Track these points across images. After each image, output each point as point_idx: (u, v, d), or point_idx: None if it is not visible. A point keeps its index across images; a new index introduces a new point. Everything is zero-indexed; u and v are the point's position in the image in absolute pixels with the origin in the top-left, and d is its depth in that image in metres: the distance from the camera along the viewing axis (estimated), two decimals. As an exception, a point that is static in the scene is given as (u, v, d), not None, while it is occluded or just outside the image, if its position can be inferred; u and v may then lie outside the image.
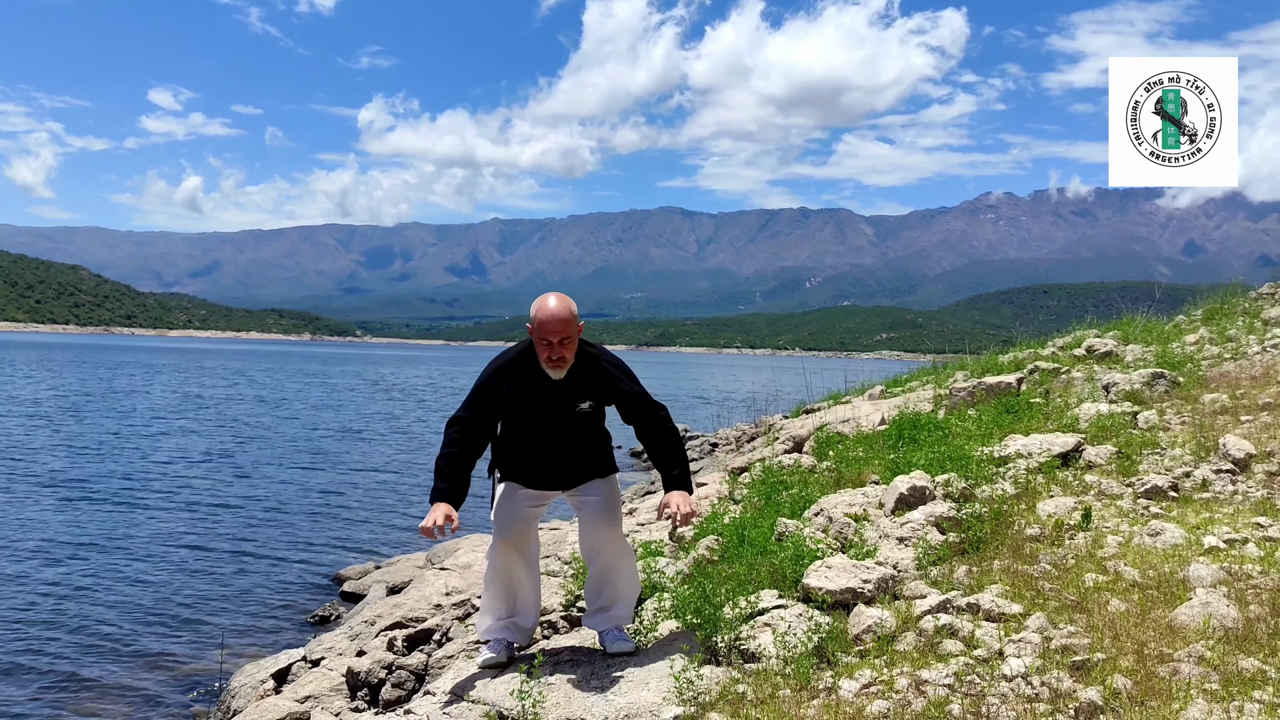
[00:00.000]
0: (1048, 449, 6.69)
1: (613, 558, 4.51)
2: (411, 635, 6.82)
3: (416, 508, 16.37)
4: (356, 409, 38.39)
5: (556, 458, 4.43)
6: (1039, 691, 3.45)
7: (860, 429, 9.16)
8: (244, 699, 6.97)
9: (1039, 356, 10.62)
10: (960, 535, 5.34)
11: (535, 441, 4.40)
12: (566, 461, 4.45)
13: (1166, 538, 4.98)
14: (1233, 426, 6.88)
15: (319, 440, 26.15)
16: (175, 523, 14.04)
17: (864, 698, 3.60)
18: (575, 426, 4.41)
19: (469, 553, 8.83)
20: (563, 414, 4.36)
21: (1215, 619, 3.83)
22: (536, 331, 4.23)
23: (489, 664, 4.45)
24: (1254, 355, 9.23)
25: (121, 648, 8.71)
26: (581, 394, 4.35)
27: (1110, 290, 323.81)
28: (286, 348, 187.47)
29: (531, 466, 4.45)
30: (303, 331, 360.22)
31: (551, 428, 4.37)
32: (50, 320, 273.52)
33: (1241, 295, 12.89)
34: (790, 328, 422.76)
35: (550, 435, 4.39)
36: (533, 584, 4.65)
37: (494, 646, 4.54)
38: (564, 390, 4.33)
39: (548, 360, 4.24)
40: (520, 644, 4.68)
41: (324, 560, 12.24)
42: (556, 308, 4.20)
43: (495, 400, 4.36)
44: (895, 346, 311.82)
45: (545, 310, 4.21)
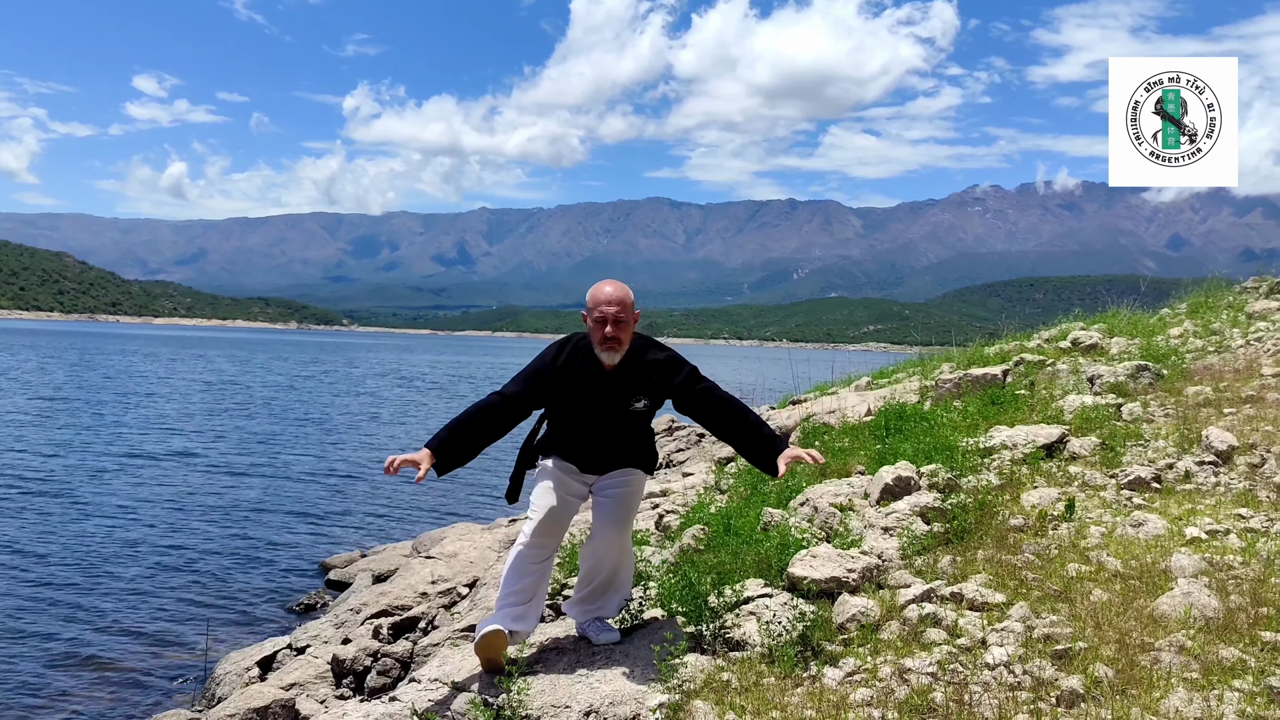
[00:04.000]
0: (1032, 440, 6.72)
1: (614, 554, 4.41)
2: (397, 623, 6.83)
3: (402, 497, 16.35)
4: (344, 397, 38.28)
5: (603, 446, 4.31)
6: (1021, 680, 3.47)
7: (846, 420, 9.19)
8: (229, 686, 6.96)
9: (1025, 349, 10.66)
10: (945, 525, 5.37)
11: (584, 431, 4.29)
12: (612, 449, 4.33)
13: (1149, 528, 5.01)
14: (1216, 419, 6.93)
15: (305, 429, 26.07)
16: (161, 512, 13.99)
17: (848, 686, 3.62)
18: (625, 423, 4.31)
19: (455, 541, 8.83)
20: (615, 410, 4.25)
21: (1196, 609, 3.86)
22: (592, 310, 4.16)
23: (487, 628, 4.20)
24: (1237, 348, 9.28)
25: (107, 636, 8.68)
26: (635, 389, 4.23)
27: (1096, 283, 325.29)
28: (273, 336, 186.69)
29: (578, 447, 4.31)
30: (289, 320, 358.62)
31: (602, 421, 4.27)
32: (34, 307, 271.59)
33: (1226, 289, 12.96)
34: (778, 319, 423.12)
35: (600, 428, 4.28)
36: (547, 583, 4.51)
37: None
38: (617, 383, 4.21)
39: (602, 341, 4.13)
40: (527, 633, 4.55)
41: (310, 549, 12.22)
42: (613, 288, 4.17)
43: (546, 384, 4.23)
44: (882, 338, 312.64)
45: (601, 290, 4.18)
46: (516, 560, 4.32)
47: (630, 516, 4.46)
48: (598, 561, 4.44)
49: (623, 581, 4.55)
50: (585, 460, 4.33)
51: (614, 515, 4.35)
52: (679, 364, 4.32)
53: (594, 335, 4.17)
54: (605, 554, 4.40)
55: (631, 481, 4.40)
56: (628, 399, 4.23)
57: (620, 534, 4.38)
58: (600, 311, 4.12)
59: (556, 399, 4.27)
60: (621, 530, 4.38)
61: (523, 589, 4.29)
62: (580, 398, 4.23)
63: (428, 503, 15.84)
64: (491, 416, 4.18)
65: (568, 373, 4.22)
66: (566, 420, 4.33)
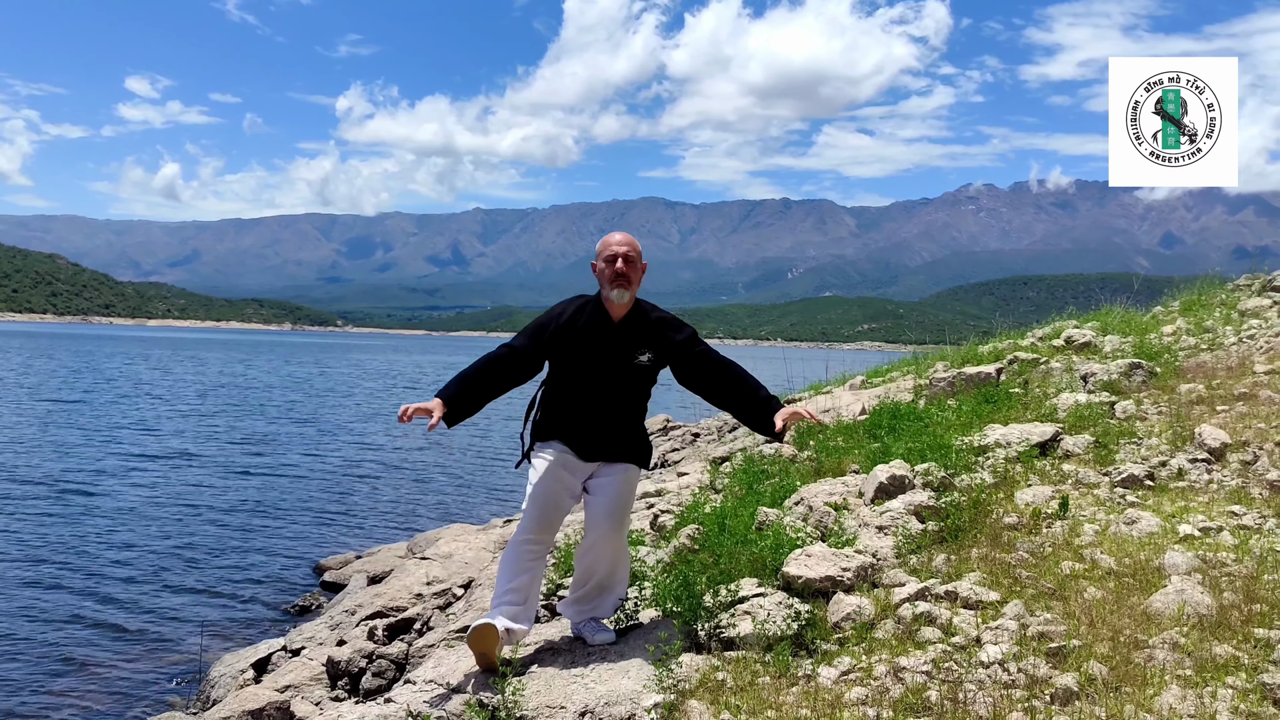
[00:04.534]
0: (1026, 439, 6.74)
1: (610, 554, 4.38)
2: (392, 624, 6.82)
3: (398, 497, 16.34)
4: (338, 398, 38.23)
5: (604, 417, 4.28)
6: (1015, 678, 3.48)
7: (841, 419, 9.19)
8: (224, 688, 6.95)
9: (1018, 347, 10.68)
10: (939, 524, 5.37)
11: (586, 392, 4.26)
12: (611, 426, 4.30)
13: (1142, 526, 5.02)
14: (1209, 416, 6.94)
15: (299, 431, 26.04)
16: (155, 513, 13.96)
17: (843, 685, 3.63)
18: (629, 381, 4.29)
19: (450, 542, 8.82)
20: (620, 364, 4.25)
21: (1190, 606, 3.87)
22: (601, 253, 4.25)
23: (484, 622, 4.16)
24: (1230, 346, 9.31)
25: (101, 638, 8.66)
26: (640, 342, 4.26)
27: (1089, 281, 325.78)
28: (267, 337, 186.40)
29: (577, 422, 4.27)
30: (283, 321, 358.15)
31: (606, 378, 4.25)
32: (27, 309, 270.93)
33: (1218, 287, 12.98)
34: (772, 318, 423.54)
35: (603, 388, 4.26)
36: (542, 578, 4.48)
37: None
38: (623, 336, 4.25)
39: (613, 279, 4.18)
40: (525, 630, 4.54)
41: (305, 550, 12.21)
42: (622, 235, 4.33)
43: (553, 337, 4.25)
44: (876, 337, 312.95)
45: (611, 236, 4.31)
46: (512, 555, 4.30)
47: (626, 514, 4.44)
48: (594, 561, 4.42)
49: (618, 581, 4.53)
50: (584, 440, 4.29)
51: (610, 513, 4.32)
52: (681, 324, 4.43)
53: (604, 276, 4.24)
54: (602, 554, 4.39)
55: (626, 478, 4.38)
56: (633, 352, 4.26)
57: (617, 533, 4.37)
58: (611, 250, 4.22)
59: (562, 353, 4.27)
60: (618, 529, 4.37)
61: (519, 586, 4.27)
62: (586, 350, 4.23)
63: (423, 504, 15.83)
64: (499, 369, 4.22)
65: (574, 326, 4.26)
66: (569, 383, 4.30)
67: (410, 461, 20.91)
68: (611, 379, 4.27)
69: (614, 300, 4.23)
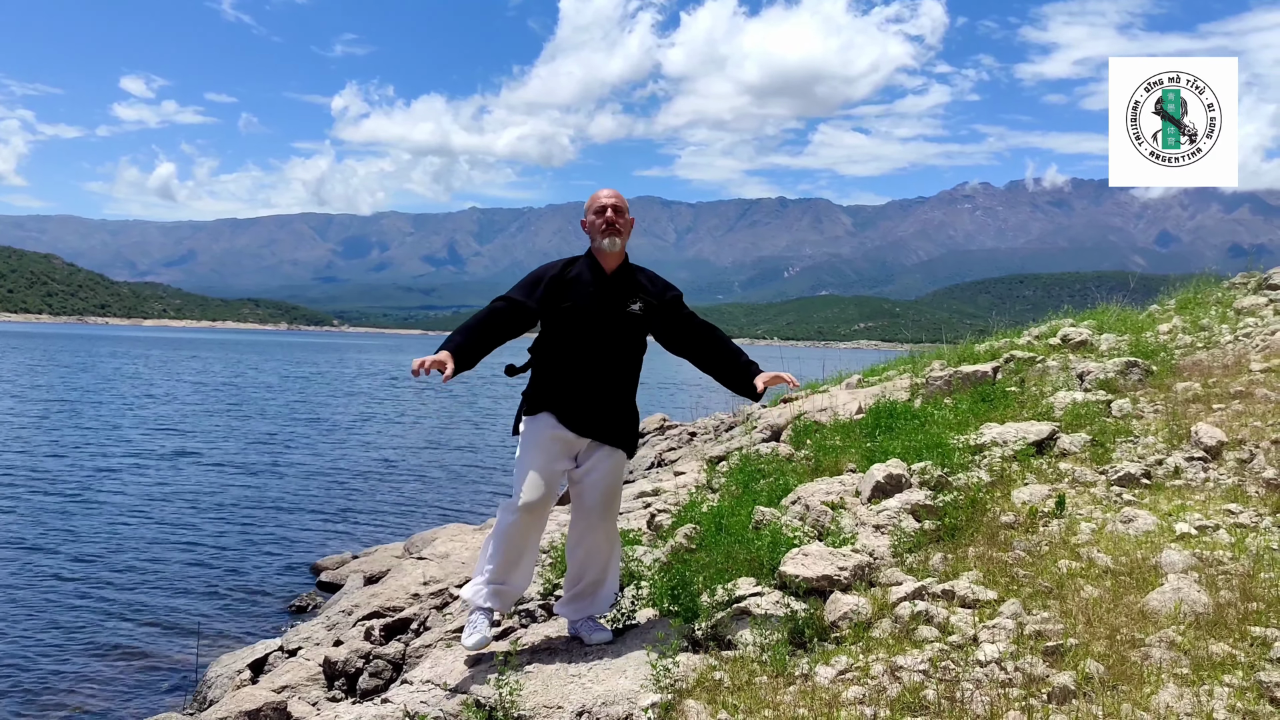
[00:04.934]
0: (1023, 437, 6.74)
1: (604, 545, 4.41)
2: (389, 624, 6.81)
3: (395, 497, 16.32)
4: (335, 399, 38.19)
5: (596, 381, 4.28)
6: (1013, 677, 3.48)
7: (837, 418, 9.20)
8: (220, 689, 6.94)
9: (1015, 346, 10.68)
10: (936, 523, 5.38)
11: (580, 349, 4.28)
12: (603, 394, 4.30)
13: (1139, 524, 5.03)
14: (1205, 415, 6.95)
15: (296, 431, 26.01)
16: (151, 514, 13.94)
17: (840, 684, 3.63)
18: (622, 334, 4.32)
19: (447, 542, 8.81)
20: (613, 313, 4.29)
21: (1186, 604, 3.88)
22: (591, 206, 4.37)
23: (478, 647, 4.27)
24: (1226, 344, 9.31)
25: (97, 638, 8.65)
26: (632, 292, 4.35)
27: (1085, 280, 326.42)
28: (263, 337, 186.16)
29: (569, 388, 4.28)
30: (279, 321, 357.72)
31: (600, 329, 4.28)
32: (23, 309, 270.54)
33: (1214, 285, 12.99)
34: (769, 317, 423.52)
35: (596, 342, 4.28)
36: (533, 556, 4.49)
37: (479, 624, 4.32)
38: (616, 286, 4.32)
39: (604, 229, 4.29)
40: (503, 611, 4.57)
41: (301, 550, 12.19)
42: (609, 189, 4.45)
43: (547, 289, 4.30)
44: (873, 336, 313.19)
45: (599, 191, 4.40)
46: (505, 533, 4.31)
47: (617, 502, 4.48)
48: (586, 554, 4.43)
49: (611, 574, 4.55)
50: (576, 411, 4.28)
51: (600, 501, 4.36)
52: (670, 283, 4.57)
53: (595, 228, 4.35)
54: (593, 545, 4.41)
55: (615, 464, 4.40)
56: (625, 300, 4.33)
57: (609, 522, 4.42)
58: (600, 203, 4.35)
59: (556, 305, 4.30)
60: (610, 518, 4.42)
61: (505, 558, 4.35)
62: (580, 299, 4.28)
63: (419, 503, 15.82)
64: (499, 320, 4.29)
65: (566, 276, 4.34)
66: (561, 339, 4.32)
67: (407, 461, 20.89)
68: (604, 330, 4.30)
69: (606, 250, 4.34)
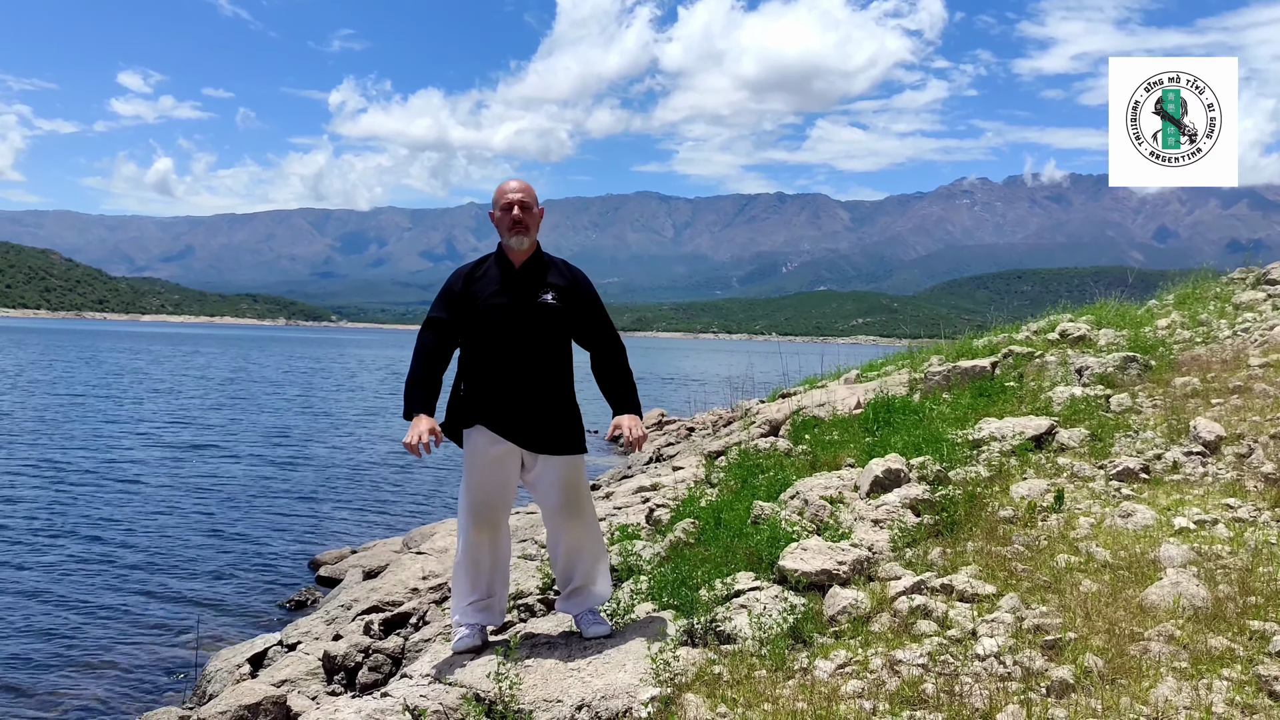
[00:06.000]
0: (1021, 432, 6.75)
1: (576, 542, 4.39)
2: (388, 619, 6.82)
3: (393, 492, 16.33)
4: (332, 393, 38.19)
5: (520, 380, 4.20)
6: (1011, 671, 3.49)
7: (836, 413, 9.20)
8: (220, 683, 6.94)
9: (1013, 341, 10.69)
10: (935, 517, 5.38)
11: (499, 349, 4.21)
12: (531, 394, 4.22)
13: (1138, 519, 5.04)
14: (1203, 409, 6.96)
15: (295, 425, 26.00)
16: (150, 508, 13.93)
17: (839, 678, 3.63)
18: (538, 328, 4.23)
19: (445, 537, 8.82)
20: (525, 307, 4.23)
21: (1185, 598, 3.88)
22: (498, 202, 4.32)
23: (462, 649, 4.38)
24: (1224, 339, 9.32)
25: (96, 634, 8.65)
26: (542, 283, 4.29)
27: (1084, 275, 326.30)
28: (261, 333, 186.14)
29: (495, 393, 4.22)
30: (277, 316, 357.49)
31: (513, 325, 4.20)
32: (21, 305, 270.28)
33: (1212, 280, 13.01)
34: (767, 313, 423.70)
35: (513, 337, 4.20)
36: (504, 563, 4.51)
37: (468, 632, 4.43)
38: (525, 278, 4.29)
39: (511, 226, 4.25)
40: (494, 625, 4.64)
41: (300, 545, 12.19)
42: (517, 181, 4.42)
43: (460, 296, 4.30)
44: (871, 331, 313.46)
45: (506, 184, 4.38)
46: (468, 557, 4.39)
47: (584, 499, 4.40)
48: (570, 556, 4.43)
49: (601, 575, 4.53)
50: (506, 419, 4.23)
51: (561, 504, 4.31)
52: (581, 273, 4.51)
53: (503, 224, 4.31)
54: (573, 545, 4.41)
55: (565, 465, 4.31)
56: (535, 291, 4.27)
57: (577, 521, 4.37)
58: (506, 199, 4.30)
59: (471, 308, 4.28)
60: (576, 516, 4.36)
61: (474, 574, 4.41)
62: (491, 297, 4.26)
63: (417, 498, 15.82)
64: (437, 353, 4.31)
65: (475, 276, 4.34)
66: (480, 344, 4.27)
67: (405, 456, 20.89)
68: (519, 326, 4.23)
69: (514, 247, 4.30)
